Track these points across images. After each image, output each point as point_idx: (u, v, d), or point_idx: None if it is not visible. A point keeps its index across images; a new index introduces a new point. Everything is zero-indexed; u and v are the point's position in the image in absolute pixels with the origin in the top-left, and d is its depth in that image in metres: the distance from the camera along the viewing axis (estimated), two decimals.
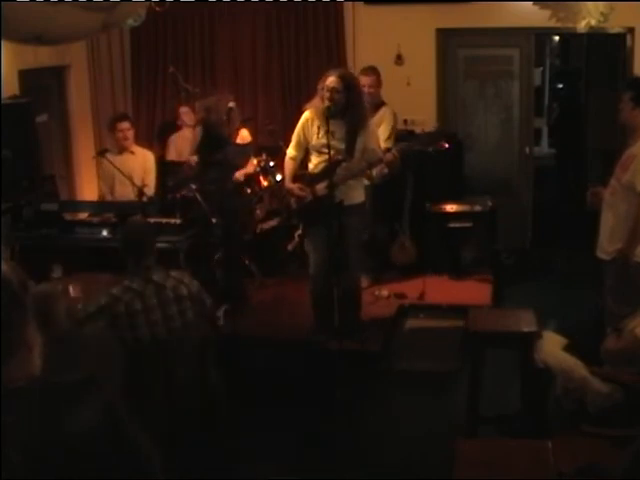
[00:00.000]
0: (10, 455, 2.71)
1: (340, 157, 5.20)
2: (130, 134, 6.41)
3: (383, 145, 5.87)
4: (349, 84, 5.22)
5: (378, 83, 6.35)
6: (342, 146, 5.24)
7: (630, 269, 4.60)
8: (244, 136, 6.03)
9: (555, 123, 10.98)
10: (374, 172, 5.91)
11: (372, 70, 6.37)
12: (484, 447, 3.29)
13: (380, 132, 5.96)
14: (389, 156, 5.57)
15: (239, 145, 5.94)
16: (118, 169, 6.02)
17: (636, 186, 4.52)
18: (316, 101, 5.32)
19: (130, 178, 6.03)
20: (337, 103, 5.16)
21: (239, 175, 6.07)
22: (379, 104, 6.34)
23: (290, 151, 5.52)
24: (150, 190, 6.36)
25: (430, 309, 6.13)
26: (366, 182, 5.82)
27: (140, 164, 6.46)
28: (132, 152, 6.44)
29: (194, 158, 6.02)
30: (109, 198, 6.51)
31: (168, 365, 3.86)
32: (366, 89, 5.98)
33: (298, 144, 5.46)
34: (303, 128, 5.41)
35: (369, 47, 7.27)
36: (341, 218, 5.26)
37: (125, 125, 6.41)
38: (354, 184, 5.38)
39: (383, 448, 4.46)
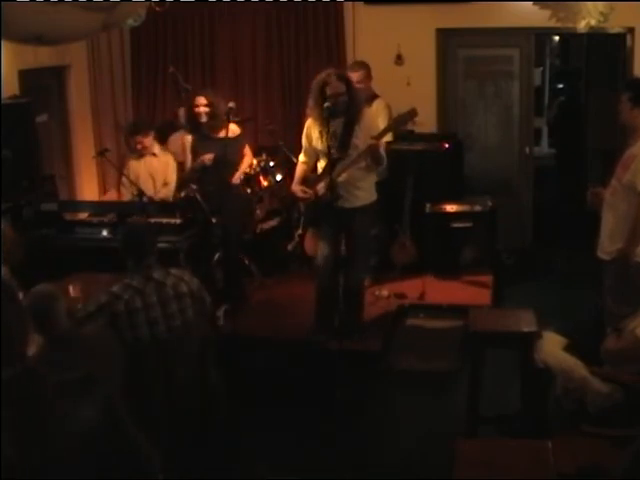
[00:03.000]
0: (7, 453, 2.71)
1: (338, 155, 5.20)
2: (146, 142, 6.49)
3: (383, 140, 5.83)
4: (348, 82, 5.27)
5: (367, 77, 6.32)
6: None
7: (630, 269, 4.60)
8: (233, 129, 6.01)
9: (555, 123, 10.97)
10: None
11: (359, 65, 6.34)
12: (484, 447, 3.29)
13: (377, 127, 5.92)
14: (372, 142, 5.24)
15: (230, 139, 5.93)
16: (125, 175, 6.33)
17: (637, 186, 4.52)
18: (311, 108, 5.32)
19: (152, 178, 6.34)
20: (341, 104, 5.17)
21: (237, 178, 6.05)
22: (371, 97, 6.32)
23: (301, 157, 5.59)
24: (170, 189, 6.49)
25: (430, 309, 6.13)
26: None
27: (163, 164, 6.59)
28: (154, 154, 6.56)
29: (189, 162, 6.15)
30: (127, 192, 6.57)
31: (168, 364, 3.86)
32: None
33: (306, 151, 5.52)
34: (307, 137, 5.45)
35: (369, 47, 7.26)
36: (348, 218, 5.28)
37: (137, 139, 6.50)
38: (362, 185, 5.35)
39: (383, 448, 4.47)
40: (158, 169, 6.51)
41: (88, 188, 7.60)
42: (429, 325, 5.98)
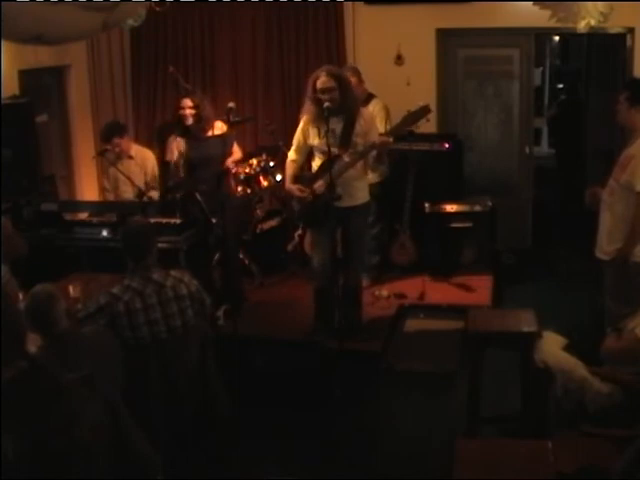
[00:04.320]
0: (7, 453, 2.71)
1: (339, 152, 5.19)
2: (122, 145, 6.40)
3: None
4: (340, 80, 5.24)
5: (359, 82, 6.28)
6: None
7: (629, 269, 4.60)
8: (219, 127, 6.01)
9: (555, 123, 10.98)
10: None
11: (350, 71, 6.29)
12: (484, 447, 3.29)
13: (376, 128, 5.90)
14: (380, 139, 5.28)
15: (216, 136, 5.92)
16: (120, 171, 6.21)
17: (634, 186, 4.52)
18: (308, 106, 5.32)
19: (130, 180, 6.17)
20: (334, 101, 5.17)
21: (229, 162, 6.00)
22: (367, 98, 6.32)
23: (291, 154, 5.53)
24: (155, 192, 6.43)
25: (430, 309, 6.13)
26: (371, 178, 5.77)
27: (140, 167, 6.52)
28: (130, 156, 6.49)
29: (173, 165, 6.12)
30: (111, 197, 6.57)
31: (168, 365, 3.87)
32: None
33: (298, 148, 5.47)
34: (303, 133, 5.42)
35: (369, 47, 7.27)
36: (345, 218, 5.29)
37: (114, 141, 6.36)
38: (358, 184, 5.35)
39: (383, 448, 4.46)
40: (135, 171, 6.45)
41: (88, 188, 7.60)
42: (429, 325, 5.98)
